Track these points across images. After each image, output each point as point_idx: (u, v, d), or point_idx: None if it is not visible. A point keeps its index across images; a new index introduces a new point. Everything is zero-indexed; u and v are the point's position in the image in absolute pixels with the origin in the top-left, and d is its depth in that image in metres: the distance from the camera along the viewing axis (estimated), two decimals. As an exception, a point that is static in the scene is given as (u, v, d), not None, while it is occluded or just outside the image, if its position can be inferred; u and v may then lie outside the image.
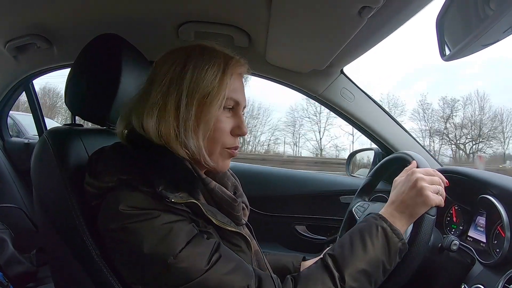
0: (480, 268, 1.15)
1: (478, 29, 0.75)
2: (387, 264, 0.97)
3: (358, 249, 0.96)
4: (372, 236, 0.97)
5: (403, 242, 0.98)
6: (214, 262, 0.84)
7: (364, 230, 0.99)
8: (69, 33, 1.69)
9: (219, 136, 0.95)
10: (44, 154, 1.07)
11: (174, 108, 0.90)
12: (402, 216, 1.02)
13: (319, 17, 1.16)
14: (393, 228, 0.98)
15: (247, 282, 0.86)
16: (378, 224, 0.99)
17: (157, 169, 0.88)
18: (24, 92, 2.52)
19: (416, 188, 1.02)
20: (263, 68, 1.82)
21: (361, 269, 0.93)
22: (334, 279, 0.91)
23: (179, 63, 0.93)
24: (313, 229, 2.18)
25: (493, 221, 1.20)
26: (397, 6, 1.10)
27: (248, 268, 0.91)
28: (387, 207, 1.05)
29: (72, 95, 1.21)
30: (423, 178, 1.04)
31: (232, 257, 0.90)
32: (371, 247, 0.96)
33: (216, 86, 0.91)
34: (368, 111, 1.90)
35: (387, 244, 0.97)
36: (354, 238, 0.98)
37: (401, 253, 0.99)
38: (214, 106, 0.91)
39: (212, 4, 1.38)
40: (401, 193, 1.05)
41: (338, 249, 0.98)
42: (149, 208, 0.84)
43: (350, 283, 0.91)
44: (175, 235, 0.83)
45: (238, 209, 1.00)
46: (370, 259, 0.95)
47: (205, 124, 0.91)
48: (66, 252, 0.99)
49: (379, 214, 1.03)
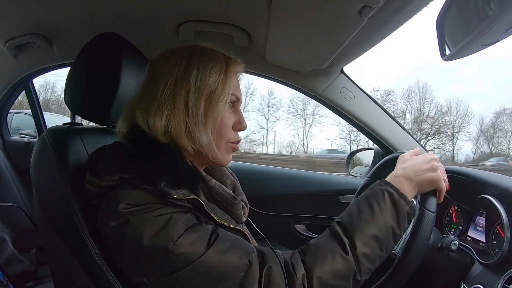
0: (480, 268, 1.15)
1: (478, 29, 0.75)
2: (397, 228, 0.96)
3: (366, 214, 0.95)
4: (379, 200, 0.97)
5: (411, 205, 0.98)
6: (212, 242, 0.85)
7: (371, 196, 0.99)
8: (69, 32, 1.70)
9: (225, 131, 0.97)
10: (43, 153, 1.07)
11: (183, 105, 0.91)
12: (409, 183, 1.02)
13: (319, 16, 1.16)
14: (400, 193, 0.99)
15: (248, 257, 0.86)
16: (384, 189, 0.99)
17: (158, 167, 0.88)
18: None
19: (431, 164, 1.04)
20: (263, 67, 1.82)
21: (372, 234, 0.93)
22: (345, 246, 0.91)
23: (182, 62, 0.94)
24: (313, 229, 2.17)
25: (492, 221, 1.20)
26: (397, 5, 1.10)
27: (248, 244, 0.91)
28: (393, 175, 1.06)
29: (72, 94, 1.21)
30: (437, 160, 1.07)
31: (229, 236, 0.90)
32: (379, 212, 0.96)
33: (221, 83, 0.94)
34: (368, 110, 1.89)
35: (395, 208, 0.97)
36: (361, 205, 0.98)
37: (409, 217, 0.99)
38: (221, 102, 0.94)
39: (212, 3, 1.38)
40: (414, 164, 1.06)
41: (346, 216, 0.98)
42: (150, 203, 0.85)
43: (361, 248, 0.91)
44: (174, 223, 0.84)
45: (238, 207, 1.01)
46: (379, 223, 0.95)
47: (213, 120, 0.93)
48: (66, 252, 0.99)
49: (385, 180, 1.03)
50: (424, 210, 1.04)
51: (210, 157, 0.95)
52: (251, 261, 0.86)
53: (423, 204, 1.05)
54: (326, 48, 1.46)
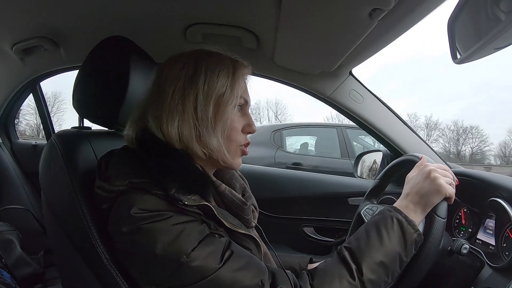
0: (489, 272, 1.15)
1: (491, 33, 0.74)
2: (404, 256, 0.97)
3: (374, 241, 0.96)
4: (388, 227, 0.98)
5: (418, 233, 0.99)
6: (226, 259, 0.85)
7: (380, 222, 1.00)
8: (76, 35, 1.70)
9: (235, 135, 0.97)
10: (52, 158, 1.07)
11: (192, 109, 0.91)
12: (417, 208, 1.04)
13: (329, 19, 1.15)
14: (408, 220, 0.99)
15: (260, 278, 0.87)
16: (393, 216, 1.00)
17: (169, 172, 0.88)
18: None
19: (430, 178, 1.05)
20: (271, 69, 1.82)
21: (379, 261, 0.94)
22: (352, 271, 0.92)
23: (190, 67, 0.94)
24: (321, 231, 2.18)
25: (502, 224, 1.20)
26: (408, 8, 1.10)
27: (261, 264, 0.91)
28: (401, 200, 1.07)
29: (80, 98, 1.21)
30: (436, 169, 1.07)
31: (244, 254, 0.90)
32: (387, 238, 0.96)
33: (229, 86, 0.94)
34: (377, 112, 1.89)
35: (403, 236, 0.98)
36: (369, 231, 0.99)
37: (417, 244, 1.00)
38: (229, 105, 0.94)
39: (220, 6, 1.38)
40: (416, 185, 1.07)
41: (354, 241, 0.99)
42: (162, 210, 0.84)
43: (368, 275, 0.92)
44: (188, 235, 0.84)
45: (248, 212, 1.01)
46: (386, 250, 0.95)
47: (223, 123, 0.93)
48: (75, 255, 0.99)
49: (394, 207, 1.04)
50: (434, 216, 1.04)
51: (221, 161, 0.95)
52: (263, 282, 0.86)
53: (433, 210, 1.04)
54: (335, 51, 1.46)
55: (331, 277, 0.91)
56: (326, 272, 0.93)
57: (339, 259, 0.96)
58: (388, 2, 0.98)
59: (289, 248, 2.17)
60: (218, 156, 0.94)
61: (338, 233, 2.15)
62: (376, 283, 0.93)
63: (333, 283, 0.90)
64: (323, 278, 0.91)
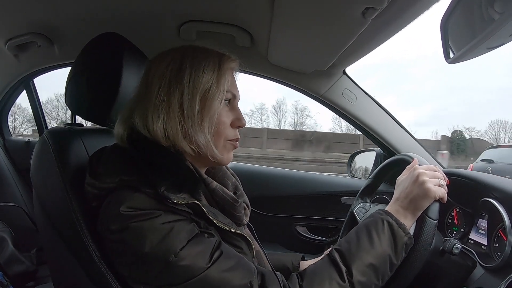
0: (482, 272, 1.15)
1: (484, 32, 0.74)
2: (394, 258, 0.98)
3: (365, 243, 0.97)
4: (379, 230, 0.99)
5: (409, 236, 1.00)
6: (215, 259, 0.85)
7: (371, 225, 1.01)
8: (70, 32, 1.69)
9: (223, 129, 0.97)
10: (44, 154, 1.07)
11: (178, 106, 0.91)
12: (407, 212, 1.05)
13: (322, 18, 1.15)
14: (399, 223, 1.00)
15: (249, 279, 0.86)
16: (384, 219, 1.01)
17: (159, 170, 0.88)
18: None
19: (418, 182, 1.05)
20: (265, 68, 1.82)
21: (369, 263, 0.95)
22: (342, 273, 0.92)
23: (175, 63, 0.94)
24: (314, 230, 2.18)
25: (494, 224, 1.20)
26: (401, 7, 1.09)
27: (250, 265, 0.91)
28: (391, 204, 1.08)
29: (72, 95, 1.20)
30: (424, 173, 1.07)
31: (233, 255, 0.90)
32: (378, 241, 0.97)
33: (215, 81, 0.94)
34: (370, 112, 1.89)
35: (394, 239, 0.99)
36: (360, 233, 1.00)
37: (407, 247, 1.01)
38: (216, 100, 0.93)
39: (214, 3, 1.37)
40: (404, 189, 1.07)
41: (344, 244, 0.99)
42: (151, 209, 0.84)
43: (357, 277, 0.92)
44: (176, 234, 0.83)
45: (240, 209, 1.00)
46: (377, 253, 0.96)
47: (210, 118, 0.93)
48: (66, 253, 0.99)
49: (385, 210, 1.05)
50: (425, 218, 1.04)
51: (210, 157, 0.95)
52: (252, 283, 0.86)
53: (425, 211, 1.05)
54: (329, 50, 1.45)
55: (320, 278, 0.92)
56: (316, 273, 0.94)
57: (329, 260, 0.97)
58: (381, 1, 0.98)
59: (281, 247, 2.16)
60: (206, 152, 0.93)
61: (331, 232, 2.15)
62: (366, 285, 0.94)
63: (323, 284, 0.91)
64: (312, 280, 0.92)
